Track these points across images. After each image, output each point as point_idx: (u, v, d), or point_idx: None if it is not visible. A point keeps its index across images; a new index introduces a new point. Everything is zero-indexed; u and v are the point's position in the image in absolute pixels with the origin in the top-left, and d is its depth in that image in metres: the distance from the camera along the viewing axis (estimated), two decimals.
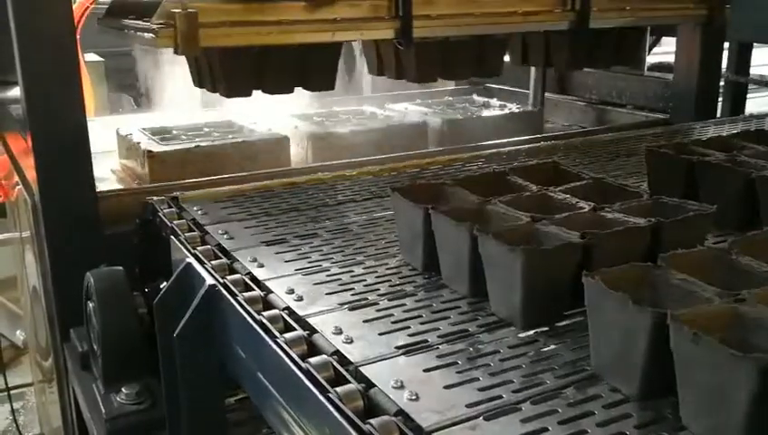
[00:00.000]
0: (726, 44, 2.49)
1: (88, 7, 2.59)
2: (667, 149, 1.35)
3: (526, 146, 1.99)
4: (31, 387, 3.07)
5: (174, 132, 2.18)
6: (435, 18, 1.64)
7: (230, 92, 1.63)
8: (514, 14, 1.73)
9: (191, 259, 1.22)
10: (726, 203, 1.15)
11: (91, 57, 3.93)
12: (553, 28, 1.80)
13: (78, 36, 1.76)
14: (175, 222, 1.35)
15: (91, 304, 1.40)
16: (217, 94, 1.71)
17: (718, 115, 2.56)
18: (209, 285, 1.12)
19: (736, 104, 2.83)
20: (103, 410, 1.33)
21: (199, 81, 1.77)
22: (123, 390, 1.35)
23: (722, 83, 2.72)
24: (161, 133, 2.15)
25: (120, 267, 1.42)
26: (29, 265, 2.02)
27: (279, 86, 1.66)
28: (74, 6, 1.94)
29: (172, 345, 1.16)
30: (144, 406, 1.33)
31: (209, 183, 1.70)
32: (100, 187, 1.64)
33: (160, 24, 1.37)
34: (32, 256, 1.88)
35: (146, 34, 1.41)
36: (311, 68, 1.67)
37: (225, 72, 1.60)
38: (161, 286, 1.28)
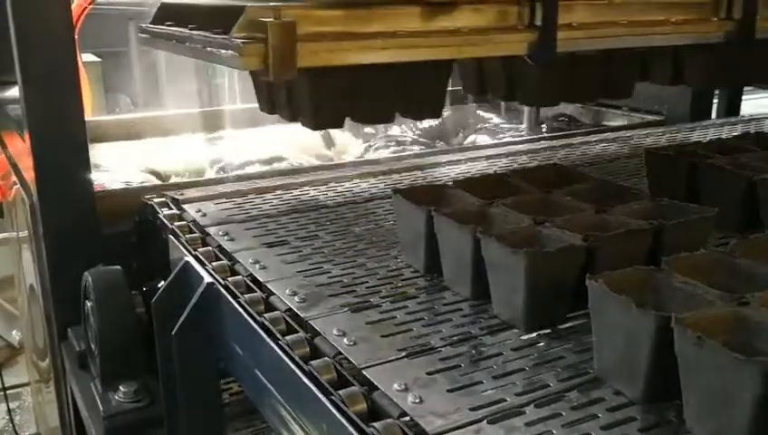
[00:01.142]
0: None
1: (86, 8, 2.59)
2: (667, 151, 1.35)
3: (526, 146, 1.99)
4: (27, 387, 3.06)
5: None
6: (576, 28, 1.33)
7: (318, 123, 1.30)
8: (665, 23, 1.44)
9: (189, 258, 1.23)
10: (727, 205, 1.15)
11: (89, 57, 3.92)
12: (711, 41, 1.50)
13: (76, 36, 1.75)
14: (175, 224, 1.35)
15: (88, 304, 1.41)
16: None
17: (713, 117, 2.56)
18: (207, 284, 1.13)
19: (731, 106, 2.83)
20: (101, 409, 1.33)
21: (269, 106, 1.45)
22: (121, 388, 1.35)
23: None
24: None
25: (118, 267, 1.42)
26: (26, 265, 2.02)
27: (377, 114, 1.34)
28: (72, 7, 1.93)
29: (170, 344, 1.17)
30: (142, 404, 1.34)
31: (207, 183, 1.70)
32: None
33: (244, 37, 1.06)
34: (29, 256, 1.88)
35: (222, 51, 1.10)
36: (416, 91, 1.34)
37: (315, 97, 1.26)
38: (159, 285, 1.28)
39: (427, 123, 2.59)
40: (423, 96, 1.35)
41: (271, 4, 1.10)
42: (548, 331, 0.93)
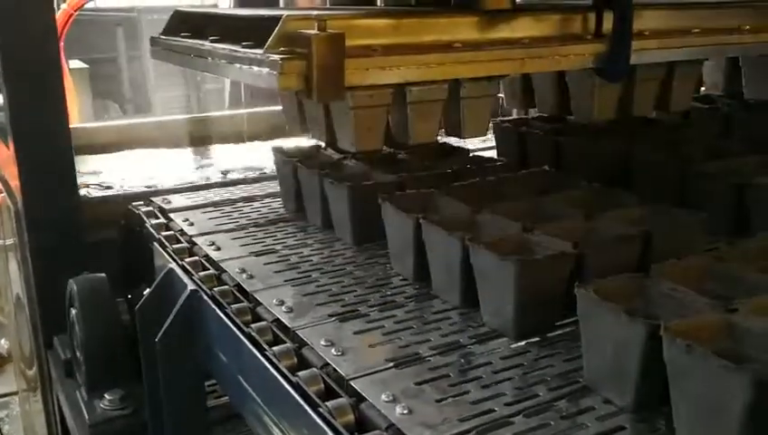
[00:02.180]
0: None
1: (72, 15, 2.58)
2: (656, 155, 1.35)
3: None
4: (15, 396, 3.04)
5: None
6: (649, 37, 1.22)
7: (361, 144, 1.20)
8: (738, 30, 1.34)
9: (173, 265, 1.22)
10: (716, 210, 1.14)
11: (76, 64, 3.90)
12: None
13: (62, 44, 1.74)
14: (162, 233, 1.33)
15: (73, 311, 1.40)
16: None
17: None
18: (191, 291, 1.12)
19: None
20: (87, 417, 1.33)
21: (300, 126, 1.37)
22: (106, 396, 1.35)
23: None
24: None
25: (103, 274, 1.42)
26: (12, 274, 2.00)
27: (422, 132, 1.22)
28: (57, 14, 1.91)
29: (154, 351, 1.16)
30: (127, 411, 1.34)
31: (193, 188, 1.69)
32: None
33: (282, 53, 0.93)
34: (15, 264, 1.86)
35: (255, 68, 0.96)
36: (462, 106, 1.23)
37: (360, 119, 1.14)
38: (144, 292, 1.27)
39: None
40: (471, 112, 1.24)
41: (313, 12, 0.97)
42: (537, 339, 0.93)
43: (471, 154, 1.49)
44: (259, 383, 0.96)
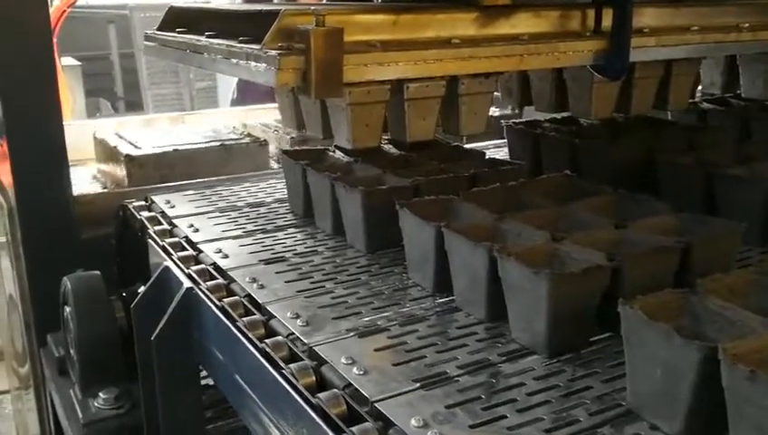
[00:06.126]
0: None
1: (65, 11, 2.51)
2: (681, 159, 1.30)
3: None
4: (7, 394, 2.97)
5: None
6: (648, 35, 1.21)
7: (357, 141, 1.18)
8: (737, 28, 1.33)
9: (168, 262, 1.17)
10: (747, 216, 1.09)
11: (69, 61, 3.83)
12: None
13: (55, 40, 1.69)
14: (167, 241, 1.26)
15: (67, 309, 1.36)
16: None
17: None
18: (186, 289, 1.08)
19: None
20: (80, 416, 1.30)
21: (296, 122, 1.35)
22: (101, 395, 1.32)
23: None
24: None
25: (97, 272, 1.38)
26: (5, 272, 1.96)
27: (420, 130, 1.22)
28: (51, 11, 1.85)
29: (150, 349, 1.12)
30: (122, 410, 1.31)
31: (188, 186, 1.63)
32: None
33: (279, 48, 0.92)
34: (8, 262, 1.82)
35: (252, 64, 0.94)
36: (460, 103, 1.21)
37: (357, 115, 1.12)
38: (139, 290, 1.24)
39: None
40: (467, 108, 1.23)
41: (311, 6, 0.96)
42: (571, 356, 0.87)
43: (486, 156, 1.43)
44: (270, 399, 0.90)
